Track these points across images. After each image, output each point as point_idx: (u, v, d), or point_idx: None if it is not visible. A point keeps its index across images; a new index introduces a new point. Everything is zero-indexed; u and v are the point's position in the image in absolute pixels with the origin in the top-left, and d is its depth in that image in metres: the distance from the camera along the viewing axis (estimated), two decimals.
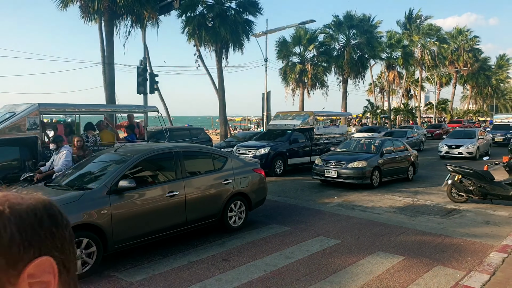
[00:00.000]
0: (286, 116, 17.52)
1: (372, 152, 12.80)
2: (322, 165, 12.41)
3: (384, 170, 12.39)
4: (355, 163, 11.80)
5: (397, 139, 15.17)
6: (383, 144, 13.06)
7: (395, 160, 13.06)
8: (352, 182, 11.69)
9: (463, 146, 19.64)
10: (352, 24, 35.53)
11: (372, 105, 48.30)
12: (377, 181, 12.14)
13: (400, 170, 13.33)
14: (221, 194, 7.14)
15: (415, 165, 14.11)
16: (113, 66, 19.91)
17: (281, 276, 5.38)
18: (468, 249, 6.55)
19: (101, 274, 5.40)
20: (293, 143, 15.61)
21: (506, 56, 74.10)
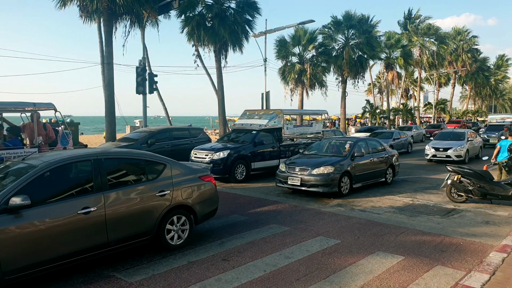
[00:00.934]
0: (253, 115, 15.97)
1: (342, 155, 11.41)
2: (285, 171, 11.05)
3: (355, 175, 11.13)
4: (321, 169, 10.42)
5: (373, 140, 13.77)
6: (355, 146, 11.64)
7: (369, 163, 11.85)
8: (317, 190, 10.37)
9: (451, 149, 18.40)
10: (351, 24, 35.52)
11: (371, 105, 48.28)
12: (346, 188, 10.83)
13: (376, 174, 12.18)
14: (155, 208, 6.07)
15: (395, 167, 13.11)
16: (112, 66, 19.89)
17: (281, 276, 5.37)
18: (467, 249, 6.55)
19: (101, 274, 5.38)
20: (258, 145, 14.12)
21: (505, 56, 74.16)
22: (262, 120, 15.29)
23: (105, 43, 20.02)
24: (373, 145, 12.76)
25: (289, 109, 17.54)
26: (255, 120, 15.46)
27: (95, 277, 5.31)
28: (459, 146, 18.48)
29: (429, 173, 15.57)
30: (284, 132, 15.35)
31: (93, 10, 18.97)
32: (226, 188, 12.10)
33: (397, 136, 23.58)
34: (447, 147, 18.56)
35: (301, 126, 17.40)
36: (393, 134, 23.66)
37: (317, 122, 19.45)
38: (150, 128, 17.03)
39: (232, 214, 8.87)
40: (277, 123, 15.16)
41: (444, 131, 22.39)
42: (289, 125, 16.56)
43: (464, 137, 19.29)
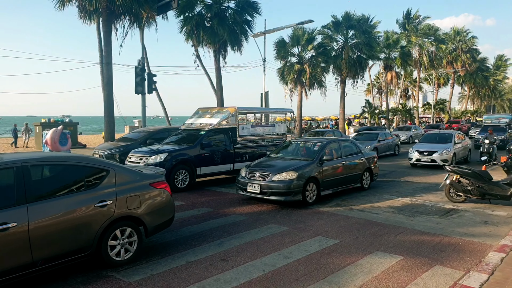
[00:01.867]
0: (205, 113, 14.30)
1: (309, 159, 10.30)
2: (245, 177, 9.93)
3: (324, 181, 10.05)
4: (282, 175, 9.32)
5: (348, 141, 12.70)
6: (324, 149, 10.52)
7: (341, 168, 10.77)
8: (277, 199, 9.28)
9: (436, 153, 16.86)
10: (350, 24, 35.55)
11: (370, 105, 48.35)
12: (313, 196, 9.78)
13: (350, 179, 11.13)
14: (93, 220, 5.33)
15: (372, 171, 12.08)
16: (111, 66, 19.90)
17: (280, 276, 5.37)
18: (466, 249, 6.55)
19: (99, 274, 5.38)
20: (206, 148, 12.42)
21: (504, 56, 74.31)
22: (213, 119, 13.57)
23: (104, 43, 20.03)
24: (347, 147, 11.66)
25: (246, 107, 15.46)
26: (206, 119, 13.75)
27: (93, 277, 5.31)
28: (445, 149, 16.99)
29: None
30: (238, 133, 13.59)
31: (92, 10, 18.99)
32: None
33: (383, 137, 22.03)
34: (432, 151, 17.12)
35: (261, 126, 15.26)
36: (378, 136, 21.88)
37: (281, 122, 17.39)
38: (149, 128, 17.03)
39: (231, 214, 8.87)
40: (233, 122, 13.49)
41: (429, 133, 20.87)
42: (246, 125, 14.68)
43: (451, 139, 17.88)
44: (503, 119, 29.40)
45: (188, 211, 9.15)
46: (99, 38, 20.86)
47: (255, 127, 14.90)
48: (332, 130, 27.68)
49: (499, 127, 27.14)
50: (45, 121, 26.21)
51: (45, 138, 14.41)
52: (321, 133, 24.52)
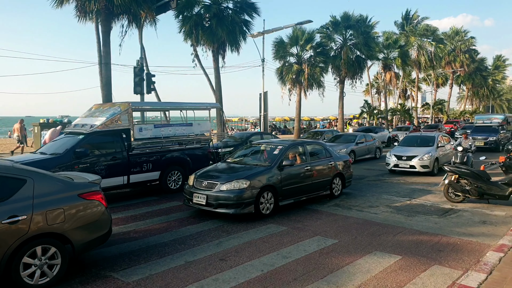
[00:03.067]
0: (96, 111, 11.31)
1: (267, 164, 9.11)
2: (192, 186, 8.69)
3: (284, 189, 8.89)
4: (232, 184, 8.12)
5: (315, 143, 11.45)
6: (285, 152, 9.37)
7: (306, 173, 9.60)
8: (225, 212, 8.03)
9: (416, 158, 15.05)
10: (349, 24, 35.55)
11: (369, 106, 48.36)
12: (269, 207, 8.54)
13: (316, 186, 9.93)
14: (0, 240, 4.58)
15: (344, 176, 10.91)
16: (110, 66, 19.87)
17: (279, 275, 5.37)
18: (465, 248, 6.56)
19: (98, 274, 5.37)
20: (82, 156, 9.56)
21: (503, 57, 74.45)
22: (98, 118, 10.63)
23: (102, 43, 20.00)
24: (314, 151, 10.55)
25: (146, 102, 11.84)
26: (91, 119, 10.81)
27: (92, 277, 5.30)
28: (426, 154, 15.16)
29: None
30: (134, 135, 10.71)
31: (91, 10, 18.96)
32: None
33: (361, 139, 20.26)
34: (411, 155, 15.27)
35: (170, 126, 12.08)
36: (356, 138, 20.17)
37: (204, 120, 13.45)
38: None
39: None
40: (124, 121, 10.61)
41: (411, 134, 19.43)
42: (146, 126, 11.54)
43: (433, 142, 16.02)
44: (495, 119, 27.48)
45: (187, 211, 9.14)
46: (97, 38, 20.80)
47: (161, 127, 11.73)
48: (331, 130, 27.67)
49: (491, 127, 25.91)
50: (43, 121, 26.17)
51: (44, 138, 14.41)
52: (320, 133, 24.53)
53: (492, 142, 24.16)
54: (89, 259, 5.93)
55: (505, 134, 26.09)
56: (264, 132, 23.84)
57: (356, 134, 21.35)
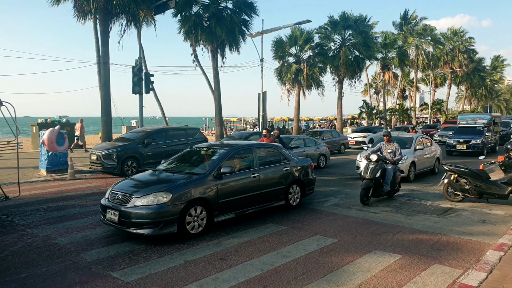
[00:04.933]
0: None
1: (199, 172, 7.63)
2: (107, 198, 7.35)
3: (221, 202, 7.47)
4: (149, 197, 6.69)
5: (268, 145, 9.88)
6: (225, 158, 7.94)
7: (252, 182, 8.19)
8: (140, 232, 6.55)
9: None
10: (348, 24, 35.59)
11: (367, 106, 48.41)
12: (200, 224, 7.09)
13: (267, 196, 8.53)
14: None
15: (304, 183, 9.56)
16: (108, 66, 19.85)
17: (278, 275, 5.35)
18: (465, 247, 6.55)
19: (97, 274, 5.35)
20: None
21: (501, 57, 74.54)
22: None
23: (101, 43, 19.97)
24: (265, 154, 9.19)
25: None
26: None
27: (91, 276, 5.27)
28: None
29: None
30: None
31: (89, 10, 18.92)
32: None
33: (296, 144, 16.45)
34: None
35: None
36: (292, 140, 16.73)
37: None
38: (147, 128, 16.98)
39: None
40: None
41: None
42: None
43: (411, 144, 14.15)
44: (480, 120, 24.70)
45: None
46: (96, 37, 20.78)
47: None
48: (330, 130, 27.67)
49: (475, 129, 23.15)
50: (42, 121, 26.11)
51: (42, 138, 14.36)
52: (319, 133, 24.52)
53: (475, 145, 21.37)
54: (88, 258, 5.90)
55: (491, 136, 23.69)
56: None
57: (292, 137, 17.63)
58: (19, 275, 5.31)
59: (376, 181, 9.74)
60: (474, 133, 22.42)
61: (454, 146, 21.88)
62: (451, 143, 22.13)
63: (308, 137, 18.72)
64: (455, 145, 21.89)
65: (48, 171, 14.27)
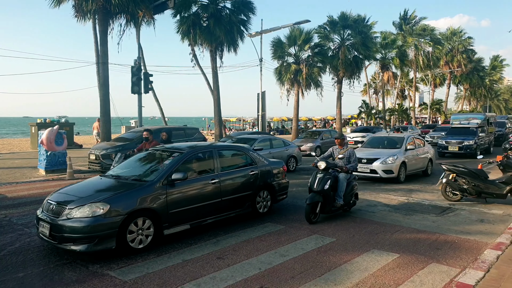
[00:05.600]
0: None
1: (148, 179, 6.72)
2: (41, 209, 6.52)
3: (172, 213, 6.61)
4: (84, 209, 5.85)
5: (233, 147, 9.29)
6: (179, 162, 7.06)
7: (212, 188, 7.35)
8: (73, 249, 5.74)
9: (378, 161, 12.82)
10: (347, 24, 35.61)
11: (367, 106, 48.44)
12: (145, 239, 6.22)
13: (229, 204, 7.70)
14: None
15: (276, 188, 8.73)
16: (107, 66, 19.86)
17: (276, 274, 5.35)
18: (462, 246, 6.56)
19: (95, 273, 5.35)
20: None
21: (500, 57, 74.67)
22: None
23: (100, 43, 19.98)
24: (229, 157, 8.42)
25: None
26: None
27: (89, 275, 5.28)
28: (391, 156, 12.89)
29: None
30: None
31: (88, 10, 18.94)
32: None
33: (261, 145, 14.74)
34: (372, 158, 13.00)
35: None
36: (256, 141, 14.99)
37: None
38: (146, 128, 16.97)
39: None
40: None
41: (376, 136, 16.72)
42: None
43: (401, 144, 13.79)
44: (474, 120, 23.58)
45: None
46: (95, 37, 20.80)
47: None
48: (329, 130, 27.69)
49: (469, 129, 22.17)
50: (41, 121, 26.11)
51: (41, 138, 14.36)
52: (318, 133, 24.53)
53: (468, 146, 20.51)
54: (86, 257, 5.90)
55: (485, 137, 22.69)
56: (262, 132, 23.85)
57: (255, 138, 15.70)
58: (17, 274, 5.32)
59: (325, 194, 7.94)
60: (467, 134, 21.62)
61: (446, 147, 21.23)
62: (443, 144, 21.43)
63: (277, 137, 17.07)
64: (447, 146, 21.24)
65: (47, 170, 14.28)
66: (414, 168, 13.82)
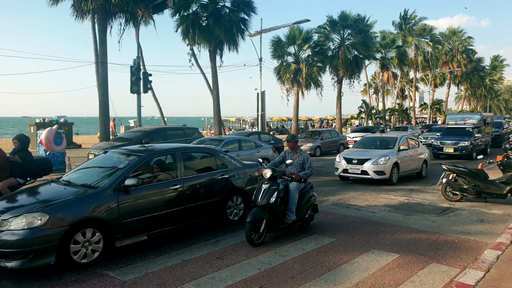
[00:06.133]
0: None
1: (96, 186, 6.07)
2: None
3: (128, 222, 5.99)
4: (18, 220, 5.20)
5: (199, 149, 8.48)
6: (135, 166, 6.39)
7: (174, 194, 6.68)
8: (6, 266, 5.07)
9: (369, 161, 12.33)
10: (347, 24, 35.63)
11: (367, 106, 48.44)
12: (94, 251, 5.60)
13: (196, 211, 7.03)
14: None
15: (249, 193, 7.87)
16: (106, 66, 19.85)
17: (276, 274, 5.33)
18: (462, 246, 6.55)
19: (94, 273, 5.33)
20: None
21: (500, 57, 74.67)
22: None
23: (99, 42, 19.97)
24: (195, 160, 7.71)
25: None
26: None
27: (88, 275, 5.25)
28: (383, 157, 12.38)
29: None
30: None
31: (87, 9, 18.93)
32: None
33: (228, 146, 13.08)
34: (363, 159, 12.52)
35: None
36: (221, 143, 13.14)
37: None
38: (145, 128, 16.98)
39: None
40: None
41: (369, 136, 16.16)
42: None
43: (394, 144, 13.29)
44: (470, 120, 22.75)
45: None
46: (94, 37, 20.77)
47: None
48: (329, 130, 27.66)
49: (464, 130, 21.25)
50: (39, 121, 26.09)
51: (40, 138, 14.34)
52: (318, 133, 24.52)
53: (463, 148, 19.65)
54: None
55: (482, 138, 21.85)
56: (261, 132, 23.84)
57: (222, 139, 14.30)
58: (15, 273, 5.29)
59: (272, 209, 6.55)
60: (463, 135, 20.67)
61: (441, 149, 20.50)
62: (438, 145, 20.70)
63: (249, 139, 15.57)
64: (442, 148, 20.51)
65: None
66: (407, 170, 13.38)
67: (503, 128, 31.54)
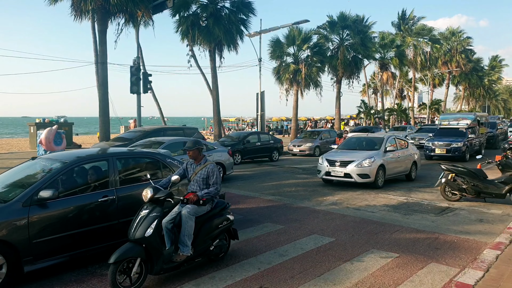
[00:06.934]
0: None
1: (4, 199, 5.01)
2: None
3: (42, 242, 4.99)
4: None
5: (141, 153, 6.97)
6: (54, 176, 5.35)
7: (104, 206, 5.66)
8: None
9: (352, 164, 11.68)
10: (346, 24, 35.65)
11: (366, 106, 48.45)
12: None
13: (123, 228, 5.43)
14: None
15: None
16: (106, 66, 19.84)
17: (275, 273, 5.34)
18: (462, 246, 6.56)
19: (93, 273, 5.33)
20: None
21: (499, 57, 74.74)
22: None
23: (99, 43, 19.97)
24: (135, 166, 6.58)
25: None
26: None
27: (88, 275, 5.26)
28: (368, 159, 11.74)
29: None
30: None
31: (87, 10, 18.93)
32: None
33: None
34: (347, 160, 11.86)
35: None
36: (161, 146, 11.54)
37: None
38: (144, 128, 16.98)
39: None
40: None
41: (354, 136, 15.28)
42: None
43: (380, 145, 12.59)
44: (464, 120, 21.77)
45: None
46: (93, 37, 20.77)
47: None
48: (328, 130, 27.67)
49: (458, 131, 20.52)
50: (39, 121, 26.09)
51: (40, 138, 14.34)
52: (317, 133, 24.53)
53: (456, 149, 18.93)
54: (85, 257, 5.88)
55: (475, 139, 21.19)
56: (261, 132, 23.85)
57: (162, 141, 12.18)
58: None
59: (150, 244, 4.82)
60: (456, 136, 19.86)
61: (433, 150, 19.64)
62: (430, 146, 19.86)
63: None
64: (434, 149, 19.64)
65: None
66: (394, 172, 12.65)
67: (497, 129, 30.68)
